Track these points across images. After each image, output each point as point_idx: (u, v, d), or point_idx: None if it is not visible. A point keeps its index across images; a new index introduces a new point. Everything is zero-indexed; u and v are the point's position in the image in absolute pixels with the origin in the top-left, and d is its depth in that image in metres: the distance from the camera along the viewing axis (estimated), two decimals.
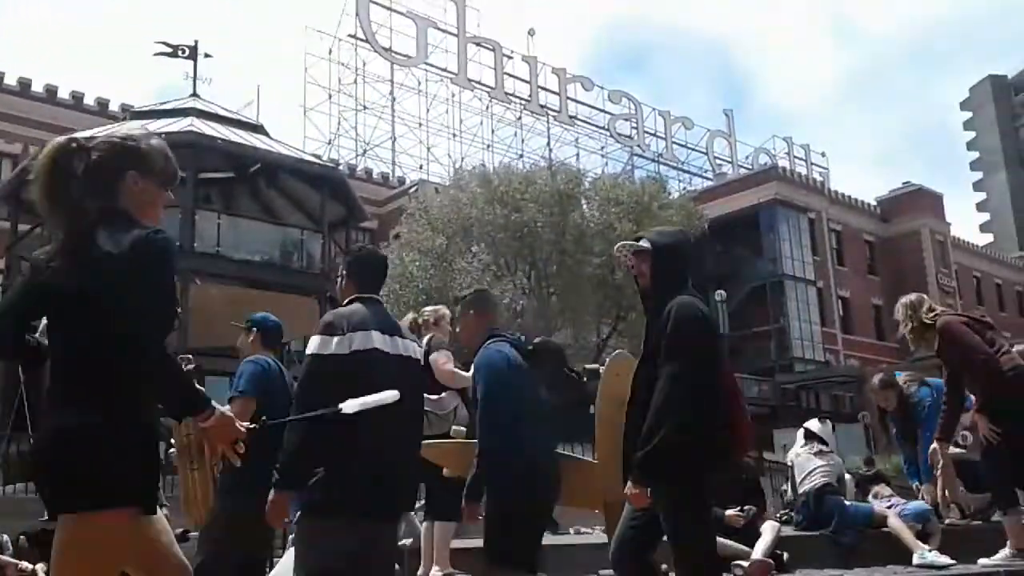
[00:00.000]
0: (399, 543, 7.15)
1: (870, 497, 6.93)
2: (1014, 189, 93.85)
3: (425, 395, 5.61)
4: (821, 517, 6.27)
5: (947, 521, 6.47)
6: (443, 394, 5.61)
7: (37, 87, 27.56)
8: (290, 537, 10.95)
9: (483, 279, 18.43)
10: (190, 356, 2.71)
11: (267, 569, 5.41)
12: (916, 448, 6.64)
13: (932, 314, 5.38)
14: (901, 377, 6.96)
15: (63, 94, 28.00)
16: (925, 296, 5.65)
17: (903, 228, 45.05)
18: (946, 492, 6.03)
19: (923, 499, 6.50)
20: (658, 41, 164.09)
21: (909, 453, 6.93)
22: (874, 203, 46.72)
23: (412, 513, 6.80)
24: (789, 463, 6.84)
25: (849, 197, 45.10)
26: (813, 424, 6.84)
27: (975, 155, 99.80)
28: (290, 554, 7.43)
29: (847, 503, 6.46)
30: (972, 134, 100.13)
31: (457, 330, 4.18)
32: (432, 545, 5.42)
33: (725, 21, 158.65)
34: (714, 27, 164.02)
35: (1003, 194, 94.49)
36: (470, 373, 5.66)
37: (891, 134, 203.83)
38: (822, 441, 6.64)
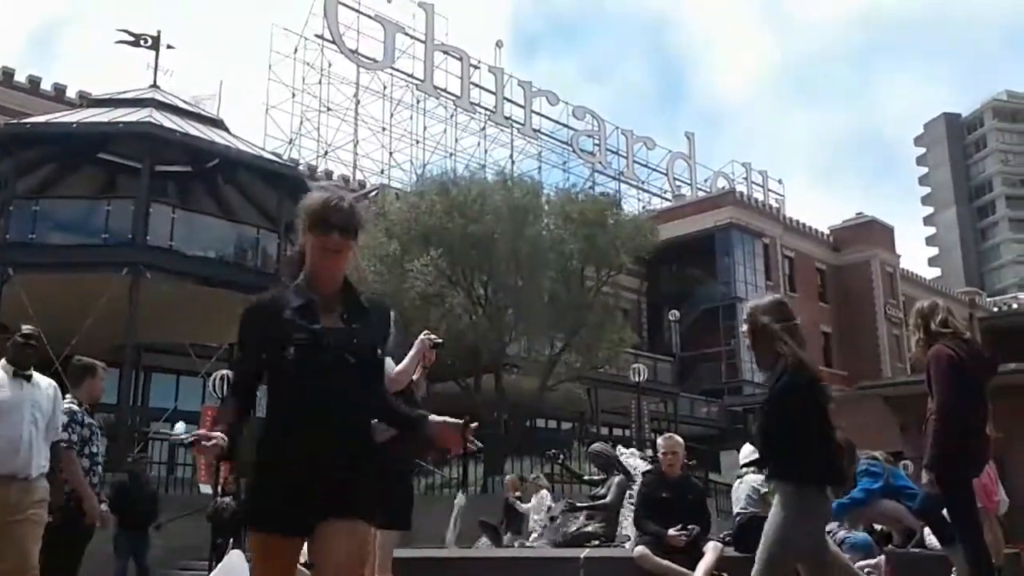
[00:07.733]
0: None
1: None
2: (963, 226, 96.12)
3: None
4: (751, 542, 6.30)
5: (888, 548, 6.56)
6: None
7: None
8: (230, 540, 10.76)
9: (436, 285, 18.34)
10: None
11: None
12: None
13: (944, 328, 4.96)
14: (879, 454, 6.91)
15: (19, 78, 27.42)
16: (940, 304, 5.21)
17: (854, 258, 45.92)
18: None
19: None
20: (590, 11, 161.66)
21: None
22: (827, 231, 47.63)
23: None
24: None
25: (803, 224, 45.85)
26: (744, 455, 6.95)
27: (926, 190, 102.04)
28: (231, 556, 7.31)
29: None
30: (924, 169, 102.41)
31: None
32: (375, 552, 5.36)
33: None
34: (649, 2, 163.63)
35: (951, 230, 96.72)
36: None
37: (828, 132, 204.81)
38: (748, 464, 6.77)
